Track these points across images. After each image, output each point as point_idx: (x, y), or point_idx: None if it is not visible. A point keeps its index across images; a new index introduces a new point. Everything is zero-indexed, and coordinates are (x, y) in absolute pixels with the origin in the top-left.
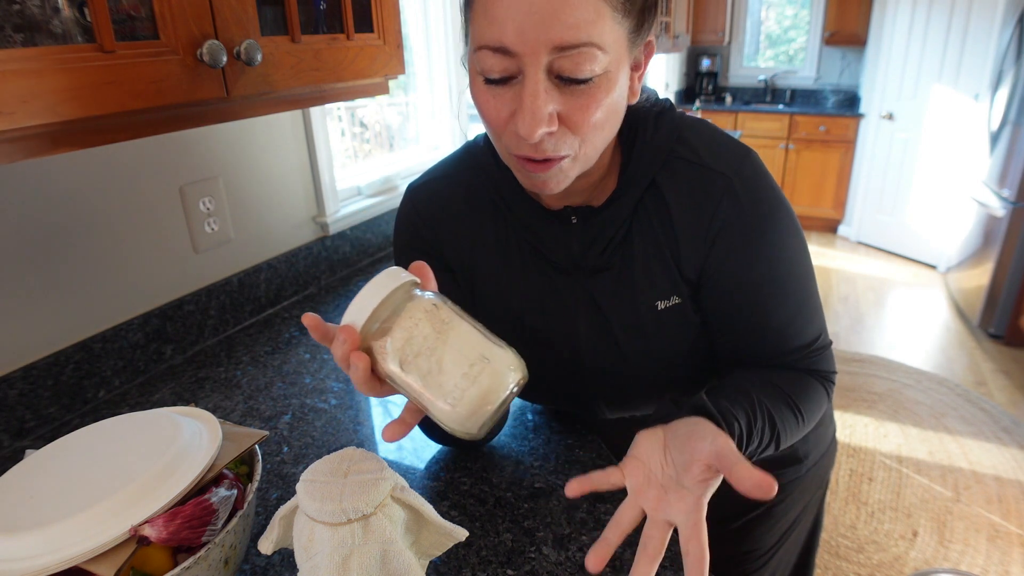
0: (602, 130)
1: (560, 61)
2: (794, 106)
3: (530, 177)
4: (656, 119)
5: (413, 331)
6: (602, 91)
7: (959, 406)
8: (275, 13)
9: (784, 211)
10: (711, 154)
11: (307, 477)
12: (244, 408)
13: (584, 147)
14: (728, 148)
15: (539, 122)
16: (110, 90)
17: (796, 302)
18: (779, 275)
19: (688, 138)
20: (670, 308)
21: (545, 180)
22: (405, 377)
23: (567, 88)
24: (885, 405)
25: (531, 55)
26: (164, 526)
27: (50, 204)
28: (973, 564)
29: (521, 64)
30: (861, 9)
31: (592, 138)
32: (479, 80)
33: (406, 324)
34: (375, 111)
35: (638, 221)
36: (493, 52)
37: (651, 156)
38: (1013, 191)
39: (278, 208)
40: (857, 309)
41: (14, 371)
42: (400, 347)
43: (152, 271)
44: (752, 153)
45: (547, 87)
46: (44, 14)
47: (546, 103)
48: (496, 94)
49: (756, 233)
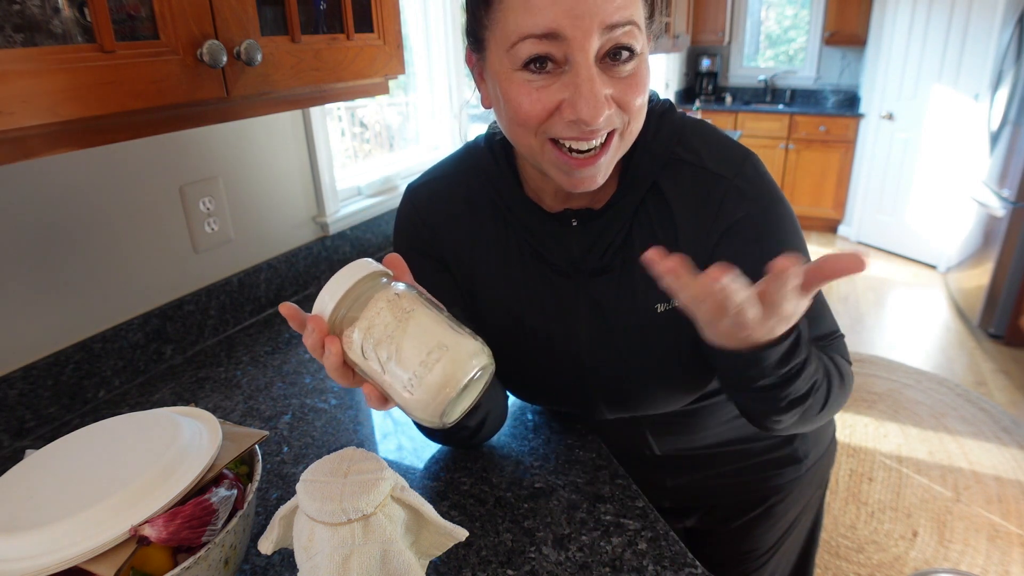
0: (643, 112)
1: (608, 43)
2: (794, 106)
3: (573, 175)
4: (657, 120)
5: (375, 320)
6: (643, 70)
7: (959, 406)
8: (275, 13)
9: (786, 210)
10: (712, 156)
11: (307, 477)
12: (244, 408)
13: (630, 125)
14: (729, 150)
15: (601, 104)
16: (110, 90)
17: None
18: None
19: (689, 140)
20: (671, 310)
21: (592, 175)
22: (368, 365)
23: (613, 71)
24: (885, 405)
25: (583, 38)
26: (164, 526)
27: (50, 204)
28: (973, 564)
29: (568, 50)
30: (861, 9)
31: (637, 119)
32: (516, 76)
33: (369, 313)
34: (375, 111)
35: (639, 223)
36: (539, 39)
37: (652, 158)
38: (1013, 191)
39: (278, 208)
40: (857, 309)
41: (14, 371)
42: (363, 336)
43: (152, 271)
44: (752, 154)
45: (598, 72)
46: (44, 14)
47: (602, 86)
48: (540, 86)
49: (761, 233)
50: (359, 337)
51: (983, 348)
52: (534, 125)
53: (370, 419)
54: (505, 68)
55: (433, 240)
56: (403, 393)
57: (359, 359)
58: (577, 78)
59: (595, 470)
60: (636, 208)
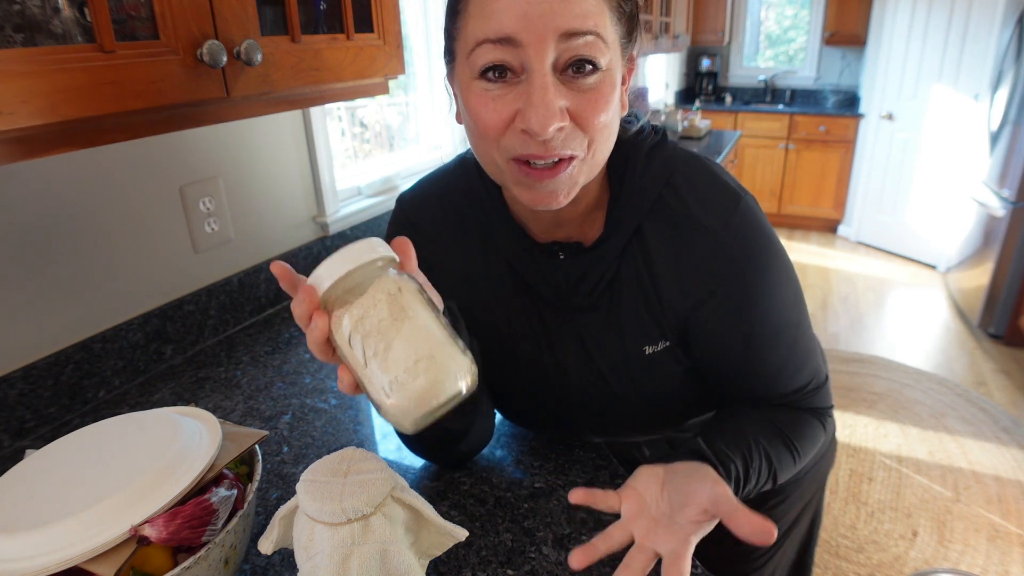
0: (608, 133)
1: (567, 52)
2: (794, 106)
3: (535, 189)
4: (648, 154)
5: (370, 310)
6: (607, 87)
7: (959, 406)
8: (275, 13)
9: (776, 260)
10: (700, 203)
11: (307, 477)
12: (244, 408)
13: (592, 149)
14: (719, 196)
15: (552, 114)
16: (110, 90)
17: (786, 351)
18: (768, 328)
19: (678, 183)
20: (659, 352)
21: (554, 190)
22: (351, 353)
23: (574, 84)
24: (885, 405)
25: (538, 44)
26: (164, 526)
27: (50, 204)
28: (973, 564)
29: (525, 58)
30: (861, 9)
31: (599, 139)
32: (474, 85)
33: (365, 302)
34: (375, 111)
35: (626, 264)
36: (495, 44)
37: (638, 199)
38: (1013, 191)
39: (278, 208)
40: (857, 309)
41: (14, 371)
42: (354, 323)
43: (152, 271)
44: (744, 199)
45: (554, 82)
46: (44, 14)
47: (555, 96)
48: (496, 95)
49: (744, 290)
50: (348, 324)
51: (983, 348)
52: (493, 136)
53: (370, 419)
54: (466, 77)
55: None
56: (379, 393)
57: (343, 344)
58: (531, 86)
59: (595, 470)
60: (623, 248)
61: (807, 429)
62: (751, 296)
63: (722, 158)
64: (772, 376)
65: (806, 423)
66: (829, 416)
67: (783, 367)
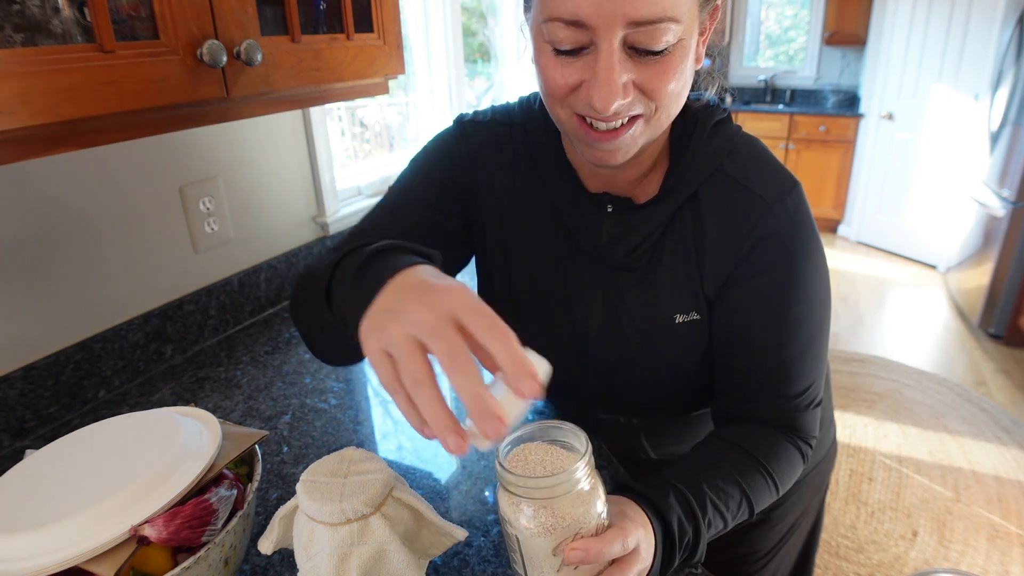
0: (677, 98)
1: (635, 35)
2: (794, 106)
3: (595, 147)
4: (712, 129)
5: (566, 513)
6: (676, 59)
7: (959, 406)
8: (275, 13)
9: (819, 253)
10: (758, 176)
11: (307, 477)
12: (244, 408)
13: (658, 112)
14: (776, 174)
15: (615, 93)
16: (110, 90)
17: (804, 345)
18: (796, 314)
19: (739, 155)
20: (688, 323)
21: (613, 150)
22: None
23: (641, 59)
24: (885, 405)
25: (606, 28)
26: (164, 526)
27: (50, 204)
28: (973, 564)
29: (594, 37)
30: (861, 9)
31: (667, 104)
32: (547, 49)
33: (564, 508)
34: (375, 111)
35: (672, 229)
36: (566, 25)
37: (698, 167)
38: (1013, 191)
39: (278, 208)
40: (857, 309)
41: (14, 371)
42: (538, 523)
43: (152, 271)
44: (799, 185)
45: (621, 58)
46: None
47: (621, 74)
48: (565, 63)
49: (786, 264)
50: (540, 522)
51: (983, 348)
52: (560, 97)
53: (370, 419)
54: (539, 39)
55: (470, 184)
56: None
57: (524, 526)
58: (597, 63)
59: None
60: (673, 214)
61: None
62: (792, 270)
63: None
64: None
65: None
66: (810, 447)
67: (795, 361)
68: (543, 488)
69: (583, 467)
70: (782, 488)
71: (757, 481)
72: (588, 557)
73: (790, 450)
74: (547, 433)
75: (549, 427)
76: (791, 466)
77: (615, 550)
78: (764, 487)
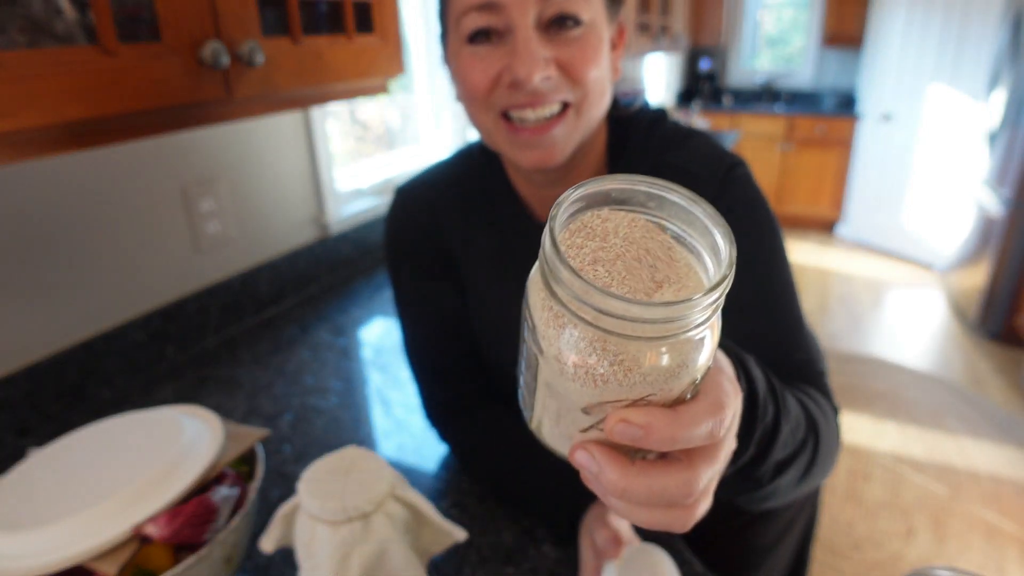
0: (601, 89)
1: (549, 9)
2: (792, 107)
3: (528, 147)
4: (647, 129)
5: (643, 363)
6: (594, 39)
7: (956, 405)
8: (276, 14)
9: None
10: (698, 160)
11: (308, 476)
12: (246, 407)
13: (585, 101)
14: (719, 155)
15: (536, 62)
16: (112, 91)
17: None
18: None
19: (679, 148)
20: None
21: (549, 147)
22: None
23: (558, 37)
24: (883, 404)
25: (519, 4)
26: (166, 524)
27: (52, 204)
28: (970, 562)
29: (508, 18)
30: (858, 11)
31: (592, 93)
32: (463, 51)
33: (643, 356)
34: (375, 111)
35: None
36: (479, 11)
37: (638, 164)
38: (1011, 191)
39: (279, 208)
40: (855, 309)
41: (17, 370)
42: (597, 365)
43: (154, 271)
44: (743, 163)
45: (538, 36)
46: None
47: (539, 47)
48: (482, 55)
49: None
50: (584, 352)
51: (980, 348)
52: (482, 96)
53: (371, 418)
54: (457, 46)
55: (426, 239)
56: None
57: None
58: (515, 41)
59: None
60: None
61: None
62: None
63: None
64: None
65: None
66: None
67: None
68: (626, 321)
69: (714, 298)
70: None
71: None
72: (647, 440)
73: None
74: (650, 201)
75: (654, 190)
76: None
77: (698, 435)
78: (825, 425)
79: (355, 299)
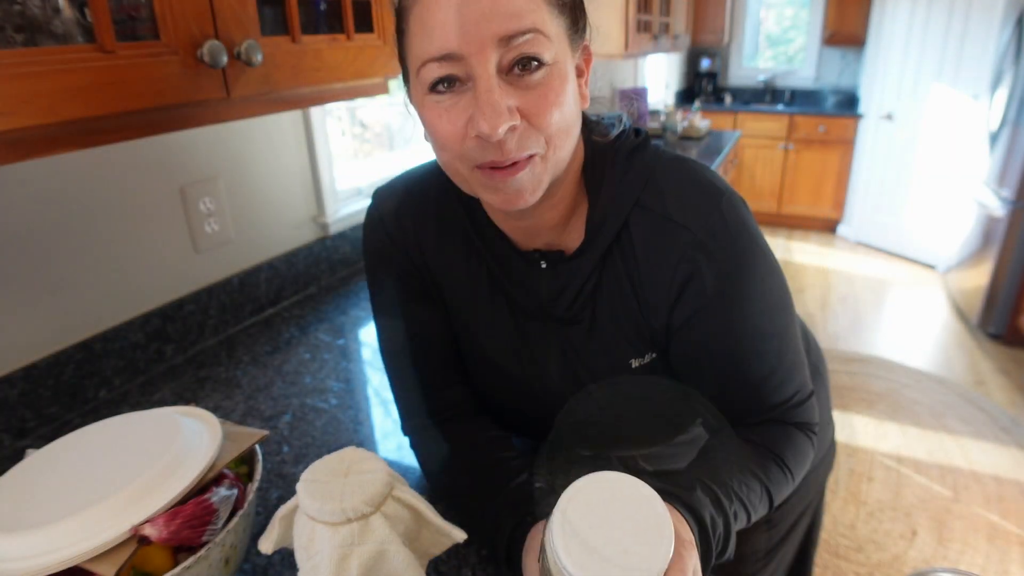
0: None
1: (509, 53)
2: (793, 106)
3: (500, 189)
4: (627, 158)
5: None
6: (556, 82)
7: (958, 406)
8: (275, 13)
9: (761, 261)
10: (678, 204)
11: (307, 477)
12: (244, 408)
13: (552, 145)
14: (699, 196)
15: (499, 114)
16: (111, 90)
17: (773, 360)
18: (753, 333)
19: (657, 186)
20: (645, 366)
21: (519, 188)
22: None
23: (520, 82)
24: (884, 405)
25: (478, 54)
26: (165, 525)
27: (51, 204)
28: (972, 563)
29: (469, 68)
30: (860, 9)
31: (557, 135)
32: (427, 100)
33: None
34: (375, 111)
35: (606, 274)
36: (439, 62)
37: (616, 204)
38: (1012, 191)
39: (278, 208)
40: (856, 309)
41: (15, 371)
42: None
43: (153, 271)
44: (725, 197)
45: (500, 84)
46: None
47: (503, 97)
48: (448, 106)
49: (726, 291)
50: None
51: (982, 348)
52: (453, 147)
53: (370, 419)
54: (420, 94)
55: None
56: None
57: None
58: (477, 91)
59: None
60: (604, 255)
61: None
62: (734, 294)
63: (721, 158)
64: (757, 386)
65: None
66: (815, 433)
67: (768, 378)
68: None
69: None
70: (797, 477)
71: (774, 472)
72: None
73: (798, 437)
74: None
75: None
76: (802, 454)
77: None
78: (781, 477)
79: (354, 299)
